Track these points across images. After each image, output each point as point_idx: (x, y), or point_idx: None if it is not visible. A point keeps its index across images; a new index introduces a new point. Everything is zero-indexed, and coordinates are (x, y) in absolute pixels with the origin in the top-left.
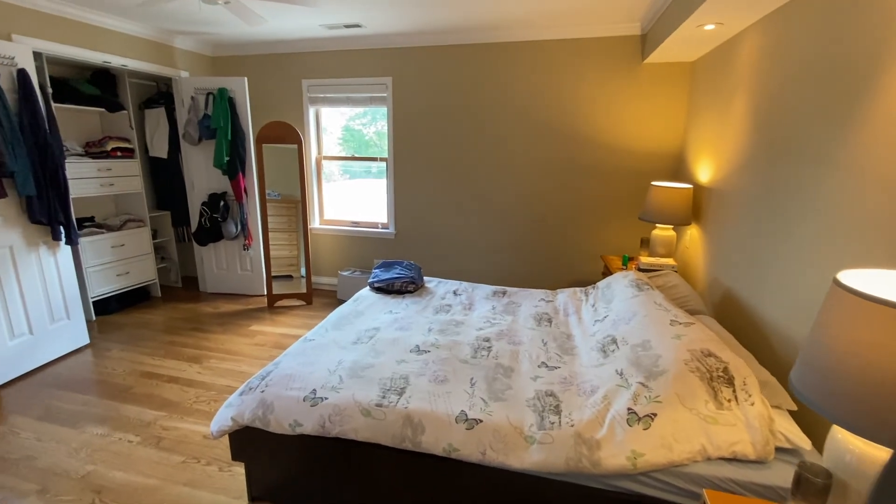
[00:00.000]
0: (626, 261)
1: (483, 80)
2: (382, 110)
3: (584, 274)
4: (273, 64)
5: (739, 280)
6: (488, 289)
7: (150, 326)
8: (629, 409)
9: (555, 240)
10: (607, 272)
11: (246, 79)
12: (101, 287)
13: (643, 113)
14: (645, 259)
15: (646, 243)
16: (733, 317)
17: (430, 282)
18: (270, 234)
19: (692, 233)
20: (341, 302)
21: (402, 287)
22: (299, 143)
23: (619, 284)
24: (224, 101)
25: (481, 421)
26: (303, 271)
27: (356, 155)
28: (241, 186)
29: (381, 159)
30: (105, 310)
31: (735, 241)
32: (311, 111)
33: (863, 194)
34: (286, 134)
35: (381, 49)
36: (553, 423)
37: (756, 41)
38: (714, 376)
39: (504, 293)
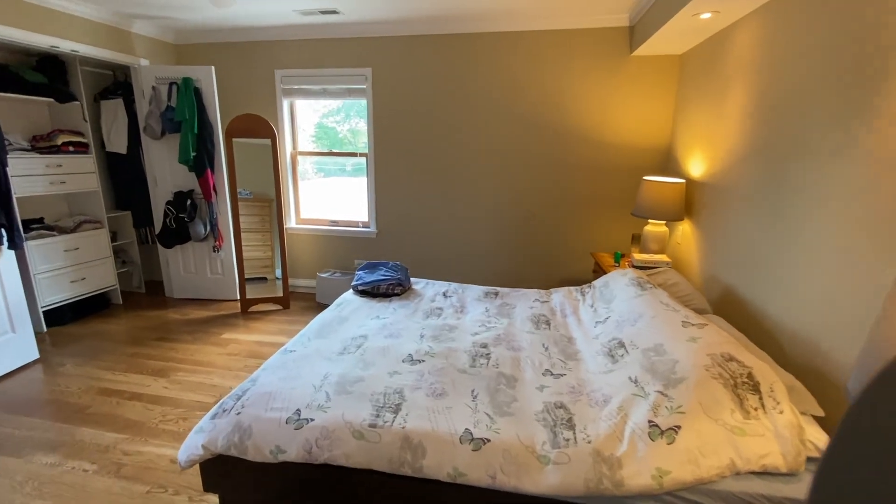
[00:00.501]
0: (619, 258)
1: (467, 72)
2: (359, 105)
3: (575, 272)
4: (243, 52)
5: (741, 277)
6: (479, 289)
7: (110, 337)
8: (650, 421)
9: (544, 237)
10: (598, 269)
11: (213, 68)
12: (53, 295)
13: (631, 107)
14: (638, 256)
15: (637, 239)
16: (735, 315)
17: (418, 283)
18: (242, 235)
19: (684, 228)
20: (321, 305)
21: (388, 290)
22: (273, 137)
23: (619, 283)
24: (189, 92)
25: (489, 440)
26: (278, 273)
27: (332, 152)
28: (210, 183)
29: (361, 155)
30: (58, 320)
31: (735, 236)
32: (286, 103)
33: (875, 185)
34: (258, 127)
35: (360, 38)
36: (568, 440)
37: (754, 30)
38: (738, 383)
39: (496, 294)
